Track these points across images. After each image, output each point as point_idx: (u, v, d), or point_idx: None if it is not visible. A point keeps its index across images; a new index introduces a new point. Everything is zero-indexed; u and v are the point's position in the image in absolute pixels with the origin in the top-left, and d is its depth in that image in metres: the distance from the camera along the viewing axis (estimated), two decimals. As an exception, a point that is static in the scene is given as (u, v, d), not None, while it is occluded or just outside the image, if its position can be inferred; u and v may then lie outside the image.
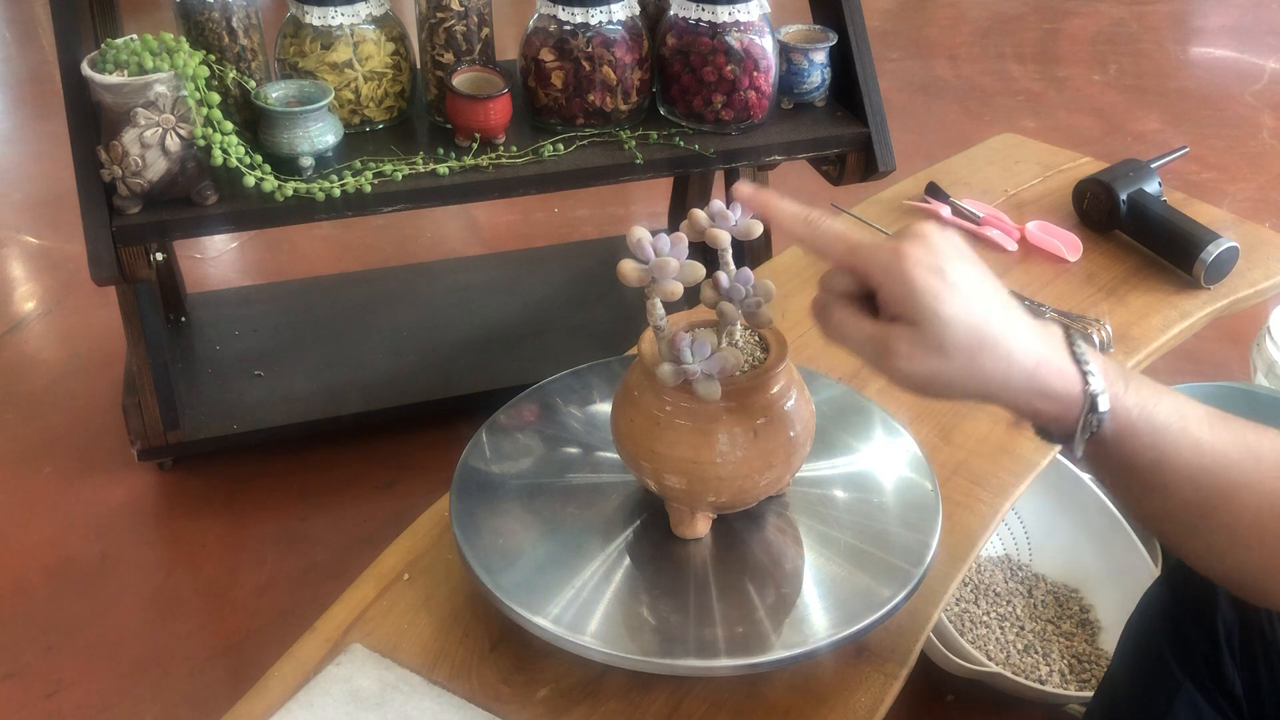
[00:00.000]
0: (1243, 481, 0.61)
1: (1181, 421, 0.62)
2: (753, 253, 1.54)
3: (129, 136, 1.11)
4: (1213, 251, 1.20)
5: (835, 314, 0.64)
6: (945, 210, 1.35)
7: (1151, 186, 1.30)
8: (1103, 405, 0.61)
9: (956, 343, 0.59)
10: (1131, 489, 0.65)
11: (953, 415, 1.03)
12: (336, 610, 0.83)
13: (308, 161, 1.20)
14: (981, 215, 1.33)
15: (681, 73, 1.31)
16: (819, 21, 1.41)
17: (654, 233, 0.71)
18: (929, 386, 0.61)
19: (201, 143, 1.14)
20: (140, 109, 1.11)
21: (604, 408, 0.91)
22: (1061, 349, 0.62)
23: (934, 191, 1.38)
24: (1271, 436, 0.64)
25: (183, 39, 1.16)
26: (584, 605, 0.76)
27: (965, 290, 0.60)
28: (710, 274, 0.73)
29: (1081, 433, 0.62)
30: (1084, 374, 0.62)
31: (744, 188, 0.69)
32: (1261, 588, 0.64)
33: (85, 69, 1.12)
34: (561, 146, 1.29)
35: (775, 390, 0.75)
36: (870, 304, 0.64)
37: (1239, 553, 0.62)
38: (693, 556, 0.80)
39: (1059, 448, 0.97)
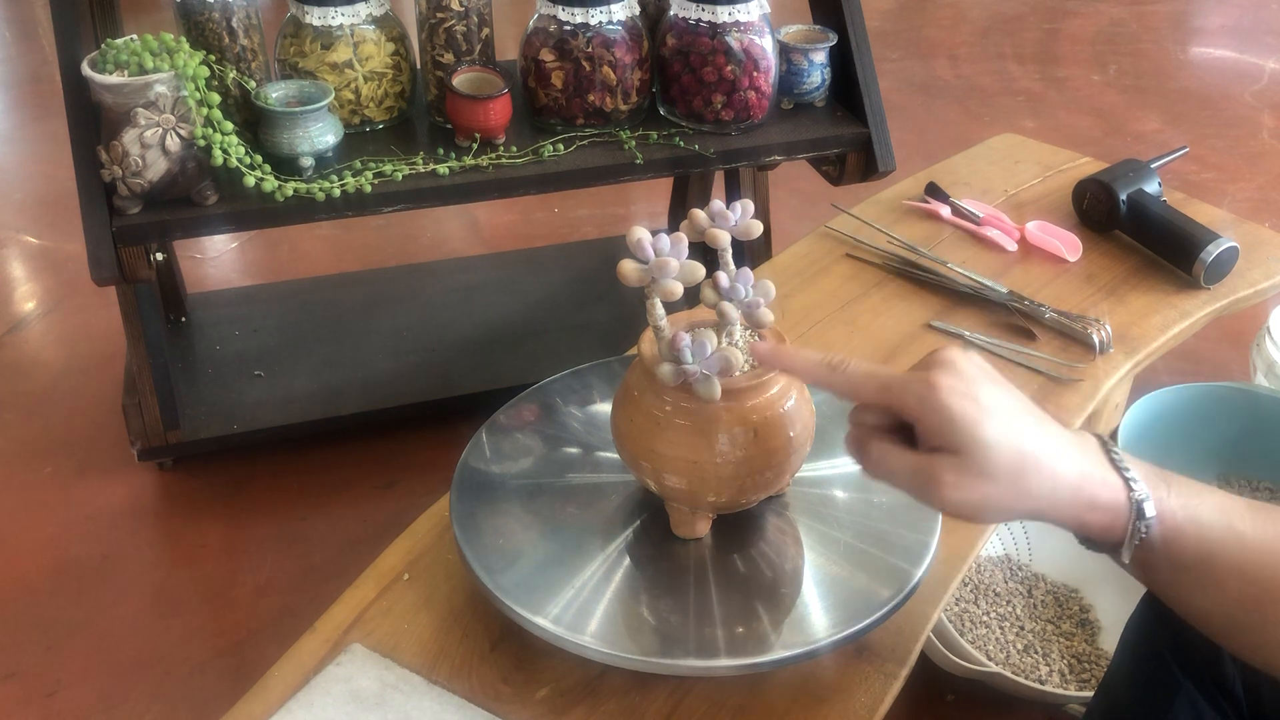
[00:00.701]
0: None
1: (1226, 518, 0.63)
2: (753, 253, 1.54)
3: (129, 136, 1.11)
4: (1213, 251, 1.20)
5: (874, 450, 0.64)
6: (945, 210, 1.35)
7: (1151, 186, 1.30)
8: (1149, 511, 0.62)
9: (1001, 466, 0.60)
10: (1180, 588, 0.65)
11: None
12: (336, 610, 0.83)
13: (308, 161, 1.20)
14: (981, 215, 1.33)
15: (681, 73, 1.31)
16: (819, 21, 1.41)
17: (654, 233, 0.71)
18: (980, 513, 0.62)
19: (201, 143, 1.14)
20: (140, 109, 1.11)
21: (604, 408, 0.91)
22: (1101, 459, 0.63)
23: (934, 191, 1.38)
24: None
25: (183, 39, 1.16)
26: (584, 605, 0.76)
27: (1001, 413, 0.61)
28: (710, 274, 0.73)
29: (1130, 540, 0.63)
30: (1127, 482, 0.63)
31: (760, 346, 0.71)
32: None
33: (85, 69, 1.12)
34: (561, 146, 1.29)
35: (775, 390, 0.75)
36: (903, 434, 0.64)
37: None
38: (693, 556, 0.80)
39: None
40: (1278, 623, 0.62)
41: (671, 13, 1.30)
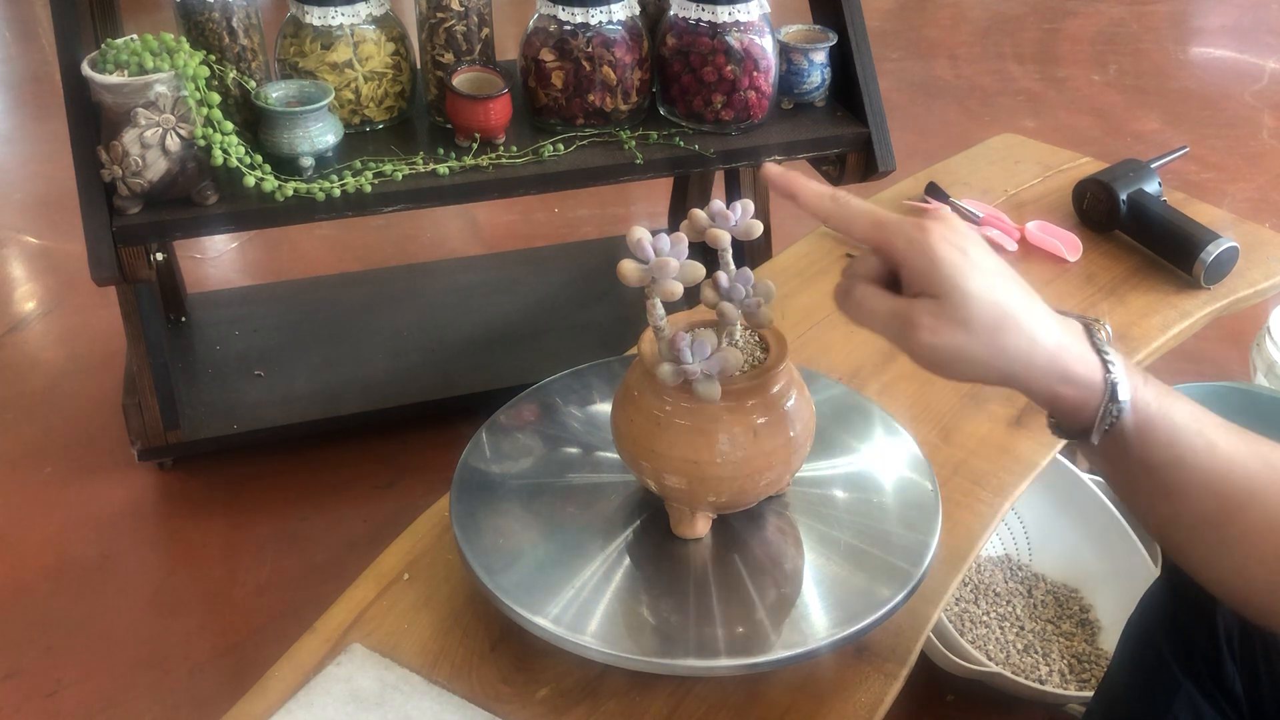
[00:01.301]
0: (1259, 492, 0.60)
1: (1198, 424, 0.62)
2: (753, 253, 1.54)
3: (129, 136, 1.11)
4: (1213, 251, 1.20)
5: (858, 292, 0.64)
6: (945, 210, 1.34)
7: (1151, 186, 1.30)
8: (1123, 394, 0.61)
9: (981, 317, 0.59)
10: (1144, 492, 0.64)
11: (953, 415, 1.03)
12: (336, 610, 0.83)
13: (308, 161, 1.20)
14: (981, 215, 1.33)
15: (681, 73, 1.31)
16: (819, 21, 1.41)
17: (654, 233, 0.71)
18: (952, 363, 0.61)
19: (201, 143, 1.14)
20: (140, 109, 1.11)
21: (604, 408, 0.91)
22: (1082, 337, 0.63)
23: (934, 191, 1.38)
24: None
25: (183, 39, 1.16)
26: (584, 605, 0.76)
27: (988, 270, 0.61)
28: (710, 274, 0.73)
29: (1101, 422, 0.62)
30: (1105, 362, 0.62)
31: (772, 167, 0.68)
32: (1269, 605, 0.63)
33: (85, 69, 1.12)
34: (561, 146, 1.29)
35: (775, 390, 0.75)
36: (891, 289, 0.64)
37: (1250, 567, 0.61)
38: (693, 556, 0.80)
39: (1059, 446, 0.97)
40: (1236, 540, 0.61)
41: (671, 13, 1.30)
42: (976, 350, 0.60)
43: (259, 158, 1.18)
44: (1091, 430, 0.62)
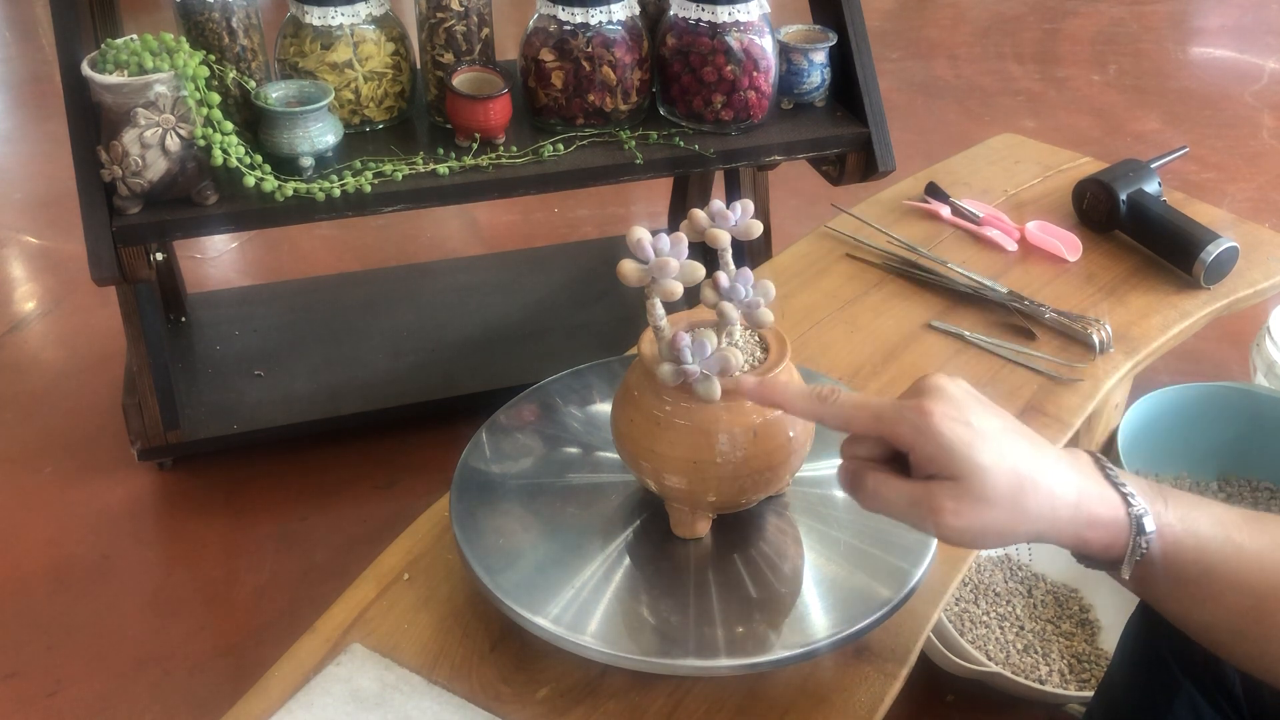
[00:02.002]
0: None
1: (1223, 530, 0.62)
2: (753, 253, 1.54)
3: (129, 136, 1.11)
4: (1213, 251, 1.20)
5: (870, 481, 0.63)
6: (945, 210, 1.35)
7: (1151, 186, 1.30)
8: (1149, 526, 0.62)
9: (999, 490, 0.60)
10: (1180, 602, 0.65)
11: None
12: (336, 610, 0.83)
13: (308, 161, 1.20)
14: (981, 215, 1.33)
15: (681, 73, 1.31)
16: (819, 21, 1.41)
17: (654, 233, 0.71)
18: (981, 538, 0.61)
19: (201, 143, 1.14)
20: (140, 109, 1.11)
21: (604, 408, 0.91)
22: (1097, 476, 0.63)
23: (934, 191, 1.38)
24: None
25: (183, 39, 1.16)
26: (584, 605, 0.76)
27: (995, 437, 0.61)
28: (710, 274, 0.73)
29: (1130, 556, 0.62)
30: (1125, 497, 0.62)
31: (747, 381, 0.69)
32: None
33: (85, 69, 1.12)
34: (561, 146, 1.29)
35: (775, 390, 0.75)
36: (896, 464, 0.64)
37: None
38: (693, 556, 0.80)
39: (1060, 445, 0.97)
40: (1278, 632, 0.62)
41: (671, 13, 1.30)
42: (1002, 521, 0.60)
43: (259, 158, 1.18)
44: (1122, 564, 0.63)
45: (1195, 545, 0.62)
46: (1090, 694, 1.10)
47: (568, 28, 1.26)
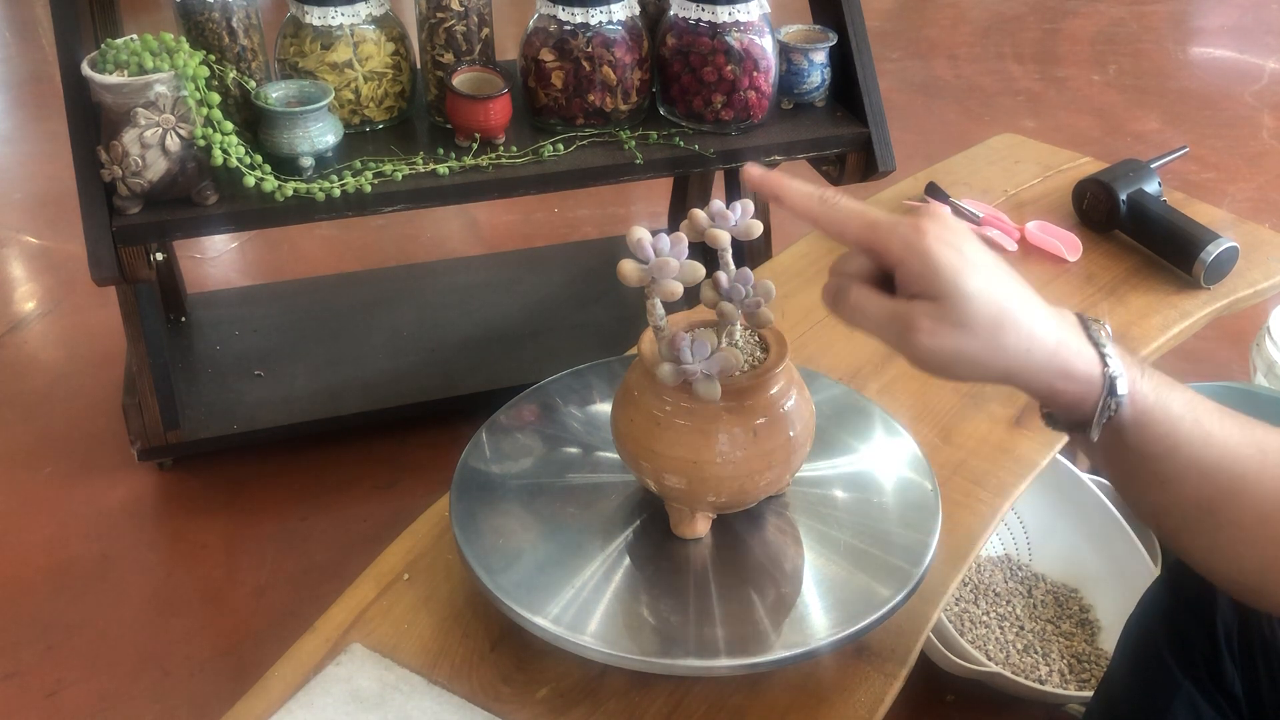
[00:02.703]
0: (1251, 477, 0.61)
1: (1194, 413, 0.62)
2: (753, 253, 1.54)
3: (129, 136, 1.11)
4: (1213, 251, 1.20)
5: (852, 294, 0.63)
6: (939, 208, 1.34)
7: (1151, 186, 1.30)
8: (1121, 388, 0.61)
9: (979, 318, 0.59)
10: (1140, 481, 0.64)
11: (953, 415, 1.03)
12: (336, 610, 0.83)
13: (308, 161, 1.20)
14: (981, 215, 1.33)
15: (681, 73, 1.31)
16: (819, 21, 1.41)
17: (654, 233, 0.71)
18: (952, 365, 0.60)
19: (201, 143, 1.14)
20: (140, 109, 1.11)
21: (604, 408, 0.91)
22: (1079, 332, 0.63)
23: (934, 191, 1.38)
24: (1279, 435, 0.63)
25: (183, 39, 1.16)
26: (584, 605, 0.76)
27: (985, 268, 0.60)
28: (710, 274, 0.73)
29: (1100, 416, 0.61)
30: (1102, 356, 0.61)
31: (753, 170, 0.67)
32: (1262, 589, 0.63)
33: (85, 69, 1.12)
34: (561, 146, 1.29)
35: (775, 390, 0.75)
36: (883, 288, 0.63)
37: (1242, 551, 0.62)
38: (693, 556, 0.80)
39: (1059, 446, 0.98)
40: (1229, 525, 0.62)
41: (671, 13, 1.30)
42: (976, 350, 0.59)
43: (259, 158, 1.18)
44: (1090, 425, 0.62)
45: (1165, 420, 0.61)
46: (1090, 694, 1.10)
47: (568, 28, 1.26)
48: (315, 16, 1.24)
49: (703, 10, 1.27)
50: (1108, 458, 0.65)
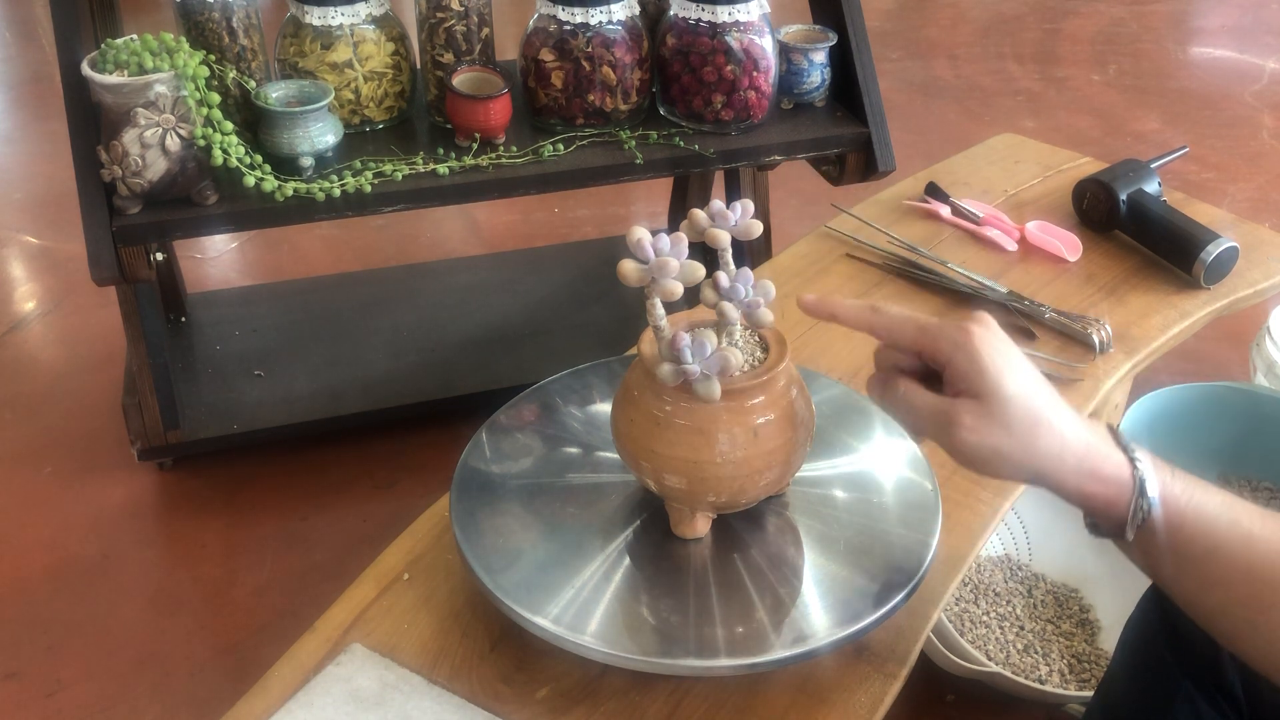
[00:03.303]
0: None
1: (1231, 513, 0.64)
2: (753, 253, 1.54)
3: (129, 136, 1.11)
4: (1213, 251, 1.20)
5: (900, 387, 0.68)
6: (945, 210, 1.35)
7: (1151, 186, 1.30)
8: (1152, 490, 0.64)
9: (1018, 419, 0.63)
10: (1187, 585, 0.66)
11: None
12: (336, 610, 0.83)
13: (308, 161, 1.20)
14: (981, 215, 1.33)
15: (681, 73, 1.31)
16: (819, 21, 1.41)
17: (654, 233, 0.71)
18: (991, 461, 0.65)
19: (201, 143, 1.14)
20: (140, 109, 1.11)
21: (604, 408, 0.91)
22: (1107, 437, 0.66)
23: (934, 191, 1.38)
24: None
25: (183, 39, 1.16)
26: (584, 605, 0.76)
27: (1024, 372, 0.65)
28: (710, 274, 0.73)
29: (1133, 518, 0.64)
30: (1132, 460, 0.65)
31: (807, 297, 0.73)
32: None
33: (85, 69, 1.12)
34: (561, 146, 1.29)
35: (775, 390, 0.75)
36: (925, 382, 0.68)
37: None
38: (693, 556, 0.80)
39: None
40: None
41: (671, 13, 1.30)
42: (1013, 449, 0.64)
43: (259, 158, 1.18)
44: (1125, 527, 0.65)
45: (1200, 521, 0.63)
46: (1090, 694, 1.10)
47: (568, 28, 1.26)
48: (315, 16, 1.24)
49: (703, 10, 1.27)
50: (1151, 563, 0.67)
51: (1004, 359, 0.64)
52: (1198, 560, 0.64)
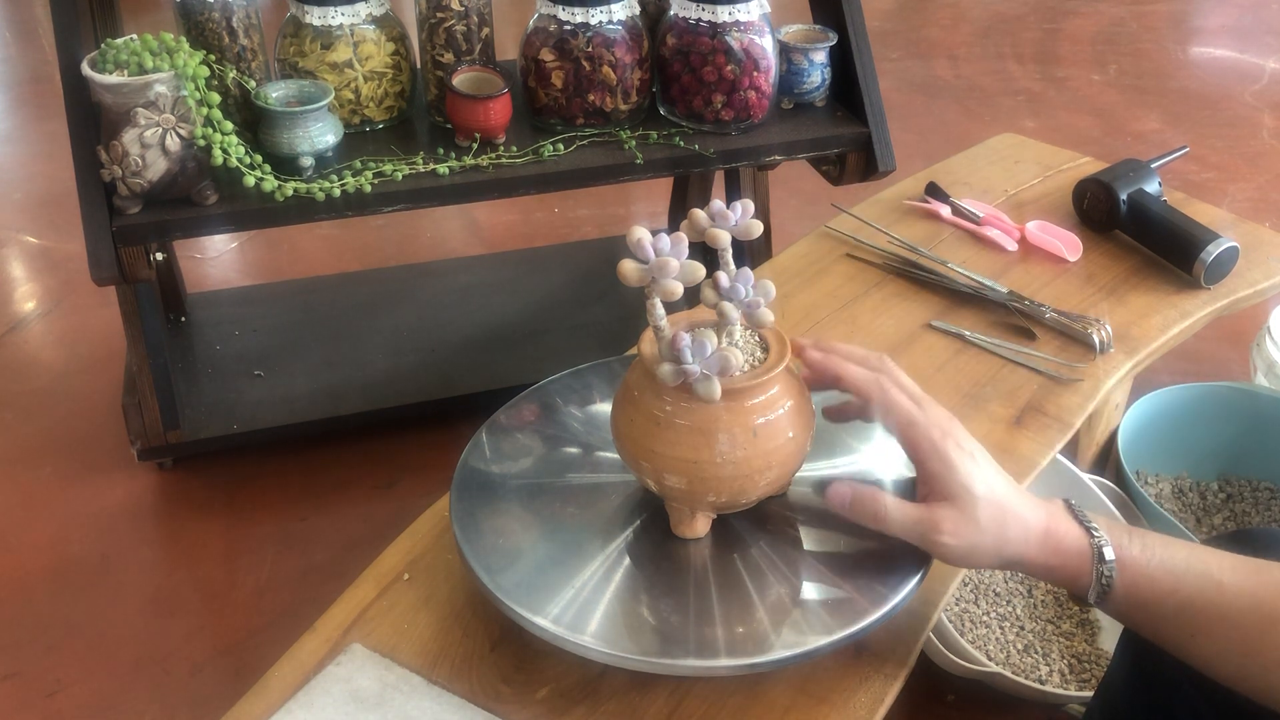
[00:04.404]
0: (1279, 617, 0.65)
1: (1200, 564, 0.67)
2: (753, 253, 1.54)
3: (129, 136, 1.11)
4: (1213, 251, 1.20)
5: (884, 501, 0.74)
6: (945, 210, 1.35)
7: (1151, 186, 1.30)
8: (1109, 555, 0.69)
9: (988, 516, 0.70)
10: (1170, 636, 0.69)
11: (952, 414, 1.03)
12: (336, 610, 0.83)
13: (308, 161, 1.20)
14: (981, 215, 1.33)
15: (681, 73, 1.31)
16: (819, 21, 1.41)
17: (654, 233, 0.71)
18: (970, 556, 0.72)
19: (201, 143, 1.14)
20: (140, 109, 1.11)
21: (604, 408, 0.91)
22: (1064, 514, 0.73)
23: (934, 191, 1.38)
24: None
25: (183, 39, 1.16)
26: (584, 605, 0.76)
27: (986, 469, 0.72)
28: (710, 274, 0.73)
29: (1096, 583, 0.70)
30: (1088, 531, 0.71)
31: (813, 351, 0.78)
32: None
33: (85, 69, 1.12)
34: (561, 146, 1.29)
35: (775, 390, 0.75)
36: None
37: None
38: (693, 556, 0.80)
39: (1060, 445, 1.00)
40: (1277, 663, 0.65)
41: (671, 12, 1.30)
42: (987, 545, 0.71)
43: (259, 158, 1.18)
44: (1089, 591, 0.70)
45: (1169, 576, 0.68)
46: (1090, 694, 1.10)
47: (568, 27, 1.26)
48: (315, 16, 1.24)
49: (703, 10, 1.27)
50: (1132, 622, 0.72)
51: (972, 460, 0.71)
52: (1174, 613, 0.68)
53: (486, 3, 1.31)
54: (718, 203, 0.74)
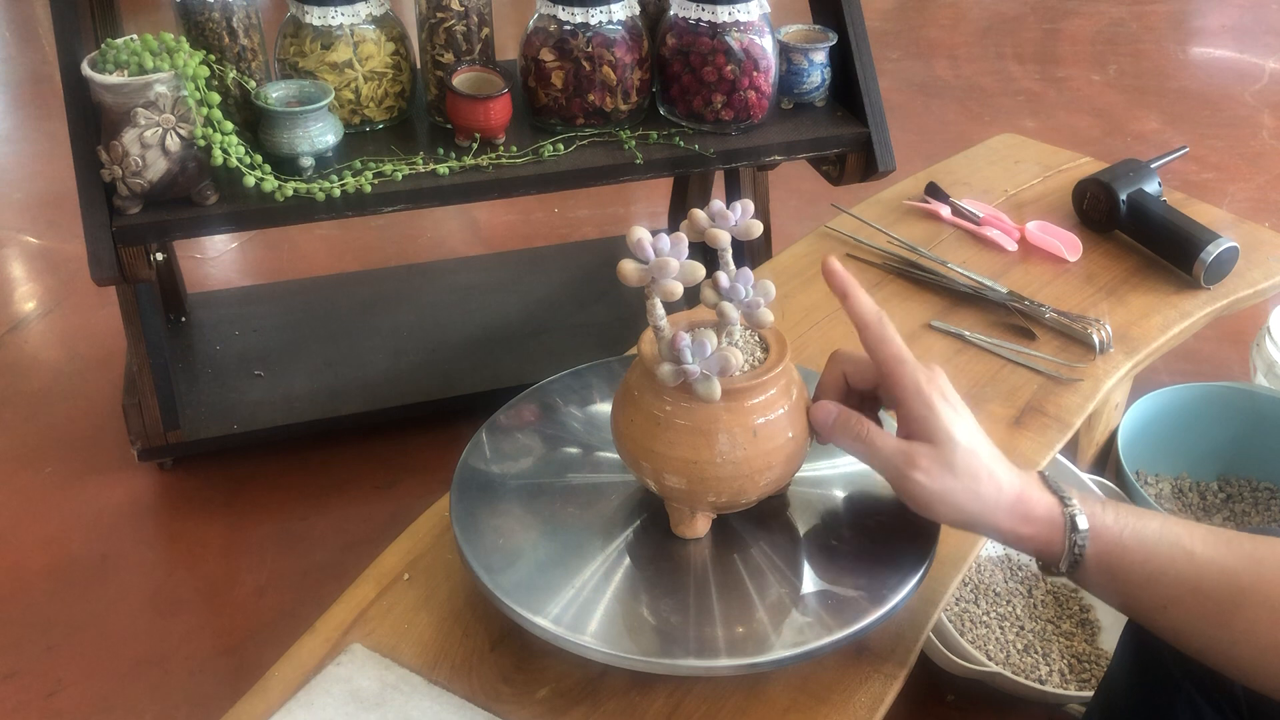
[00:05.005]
0: (1249, 589, 0.65)
1: (1171, 535, 0.67)
2: (753, 253, 1.54)
3: (129, 136, 1.11)
4: (1213, 251, 1.20)
5: (865, 427, 0.73)
6: (945, 210, 1.35)
7: (1151, 186, 1.30)
8: (1082, 524, 0.69)
9: (964, 466, 0.70)
10: (1141, 607, 0.69)
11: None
12: (336, 610, 0.83)
13: (308, 161, 1.20)
14: (981, 215, 1.33)
15: (681, 73, 1.31)
16: (819, 21, 1.42)
17: (654, 233, 0.71)
18: (937, 503, 0.71)
19: (201, 143, 1.14)
20: (140, 109, 1.11)
21: (604, 408, 0.91)
22: (1039, 483, 0.72)
23: (934, 191, 1.38)
24: (1270, 544, 0.66)
25: (183, 39, 1.16)
26: (584, 605, 0.76)
27: (970, 424, 0.72)
28: (710, 274, 0.73)
29: (1068, 552, 0.69)
30: (1061, 499, 0.71)
31: (834, 264, 0.76)
32: None
33: (85, 69, 1.12)
34: (561, 146, 1.29)
35: (775, 390, 0.75)
36: (853, 402, 0.77)
37: (1264, 657, 0.65)
38: (693, 556, 0.80)
39: (1059, 445, 1.00)
40: (1244, 634, 0.65)
41: (671, 12, 1.30)
42: (958, 494, 0.70)
43: (259, 158, 1.18)
44: (1061, 560, 0.70)
45: (1142, 547, 0.67)
46: (1090, 694, 1.10)
47: (568, 27, 1.26)
48: (315, 16, 1.24)
49: (703, 10, 1.27)
50: (1104, 593, 0.71)
51: (954, 409, 0.71)
52: (1145, 583, 0.67)
53: (486, 3, 1.31)
54: (717, 203, 0.74)
